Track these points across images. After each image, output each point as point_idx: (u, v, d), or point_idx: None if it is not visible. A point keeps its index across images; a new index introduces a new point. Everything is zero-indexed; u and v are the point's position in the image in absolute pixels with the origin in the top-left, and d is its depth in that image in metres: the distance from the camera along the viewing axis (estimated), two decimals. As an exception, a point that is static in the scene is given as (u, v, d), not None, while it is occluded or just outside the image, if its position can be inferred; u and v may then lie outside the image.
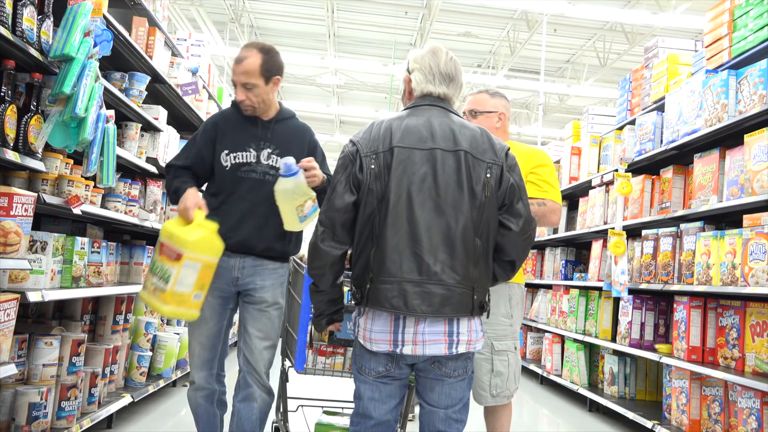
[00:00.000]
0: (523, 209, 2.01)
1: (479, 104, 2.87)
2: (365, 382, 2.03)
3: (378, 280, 1.92)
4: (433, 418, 2.04)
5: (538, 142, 9.01)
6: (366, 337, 1.97)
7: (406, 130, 1.98)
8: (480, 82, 14.17)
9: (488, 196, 1.95)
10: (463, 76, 2.14)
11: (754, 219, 3.36)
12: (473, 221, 1.93)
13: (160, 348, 4.49)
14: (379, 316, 1.95)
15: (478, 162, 1.96)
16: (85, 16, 2.78)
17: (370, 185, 1.94)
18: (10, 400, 2.78)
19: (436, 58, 2.10)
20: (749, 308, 3.56)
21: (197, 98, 5.25)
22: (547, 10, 9.21)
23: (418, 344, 1.92)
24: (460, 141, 1.97)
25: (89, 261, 3.35)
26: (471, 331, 1.97)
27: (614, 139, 5.24)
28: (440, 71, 2.08)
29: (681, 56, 4.60)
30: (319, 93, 16.52)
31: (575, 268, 6.17)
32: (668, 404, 4.18)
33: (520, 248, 2.03)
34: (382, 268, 1.91)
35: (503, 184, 1.98)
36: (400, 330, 1.93)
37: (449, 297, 1.90)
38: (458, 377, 2.01)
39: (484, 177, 1.95)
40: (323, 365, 2.61)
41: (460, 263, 1.91)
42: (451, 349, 1.93)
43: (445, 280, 1.90)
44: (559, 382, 5.85)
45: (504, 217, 2.00)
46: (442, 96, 2.08)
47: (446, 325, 1.94)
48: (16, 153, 2.53)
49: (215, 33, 12.07)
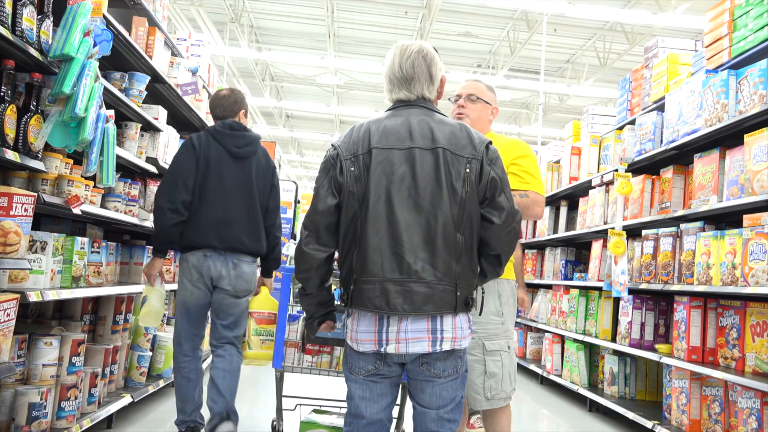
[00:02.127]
0: (505, 202, 1.99)
1: (479, 91, 2.85)
2: (356, 382, 2.05)
3: (361, 281, 1.93)
4: (425, 419, 2.04)
5: (538, 142, 9.00)
6: (353, 338, 1.99)
7: (384, 131, 1.99)
8: (480, 82, 14.15)
9: (468, 191, 1.95)
10: (437, 67, 2.09)
11: (754, 219, 3.36)
12: (453, 217, 1.93)
13: (160, 348, 4.49)
14: (363, 317, 1.97)
15: (456, 158, 1.96)
16: (84, 16, 2.78)
17: (350, 188, 1.96)
18: (10, 400, 2.78)
19: (393, 63, 2.09)
20: (749, 308, 3.56)
21: (197, 98, 5.26)
22: (547, 10, 9.21)
23: (401, 342, 1.93)
24: (438, 138, 1.97)
25: (89, 261, 3.35)
26: (456, 328, 1.96)
27: (614, 139, 5.24)
28: (397, 77, 2.07)
29: (681, 56, 4.60)
30: (319, 93, 16.53)
31: (575, 268, 6.16)
32: (668, 404, 4.18)
33: (504, 241, 2.01)
34: (365, 268, 1.93)
35: (483, 177, 1.97)
36: (384, 329, 1.94)
37: (431, 295, 1.91)
38: (448, 377, 2.01)
39: (463, 172, 1.95)
40: (309, 364, 2.62)
41: (441, 260, 1.91)
42: (434, 346, 1.93)
43: (425, 278, 1.90)
44: (559, 382, 5.85)
45: (486, 210, 1.99)
46: (412, 99, 2.07)
47: (429, 322, 1.93)
48: (16, 153, 2.53)
49: (215, 33, 12.07)
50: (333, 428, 2.86)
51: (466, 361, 2.08)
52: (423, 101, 2.08)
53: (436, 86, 2.11)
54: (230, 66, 14.08)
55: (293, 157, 23.85)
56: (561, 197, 6.40)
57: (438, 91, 2.14)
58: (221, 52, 11.98)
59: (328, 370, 2.63)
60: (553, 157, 6.88)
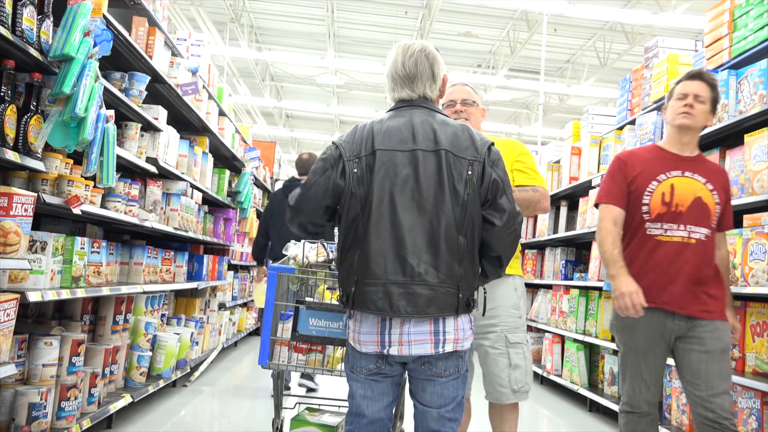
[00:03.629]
0: (507, 204, 1.99)
1: (471, 95, 2.88)
2: (357, 381, 2.05)
3: (363, 283, 1.93)
4: (426, 418, 2.05)
5: (538, 142, 9.00)
6: (355, 339, 2.00)
7: (388, 132, 1.99)
8: (480, 82, 14.18)
9: (470, 193, 1.95)
10: (439, 66, 2.10)
11: (754, 219, 3.36)
12: (456, 220, 1.93)
13: (159, 348, 4.49)
14: (366, 319, 1.97)
15: (459, 160, 1.96)
16: (84, 16, 2.78)
17: (352, 189, 1.96)
18: (10, 400, 2.78)
19: (396, 61, 2.09)
20: (749, 308, 3.55)
21: (197, 98, 5.26)
22: (547, 10, 9.21)
23: (404, 345, 1.94)
24: (440, 140, 1.97)
25: (89, 261, 3.35)
26: (458, 329, 1.97)
27: (614, 139, 5.24)
28: (400, 75, 2.07)
29: (681, 56, 4.60)
30: (319, 93, 16.53)
31: (575, 268, 6.16)
32: (668, 404, 4.18)
33: (505, 243, 2.01)
34: (367, 270, 1.93)
35: (485, 179, 1.97)
36: (387, 331, 1.94)
37: (433, 297, 1.91)
38: (450, 376, 2.01)
39: (465, 174, 1.95)
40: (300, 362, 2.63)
41: (443, 262, 1.92)
42: (437, 348, 1.94)
43: (428, 280, 1.90)
44: (559, 382, 5.85)
45: (488, 212, 1.99)
46: (414, 98, 2.07)
47: (432, 324, 1.94)
48: (16, 153, 2.53)
49: (215, 33, 12.07)
50: (322, 426, 2.87)
51: (467, 361, 2.08)
52: (425, 101, 2.08)
53: (438, 85, 2.11)
54: (230, 66, 14.08)
55: (293, 157, 23.86)
56: (561, 197, 6.39)
57: (440, 90, 2.14)
58: (221, 52, 11.98)
59: (322, 368, 2.64)
60: (553, 157, 6.88)
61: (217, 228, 6.34)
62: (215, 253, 6.65)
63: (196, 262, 5.65)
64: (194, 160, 5.27)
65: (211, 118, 5.76)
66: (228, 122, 6.53)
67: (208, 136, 5.74)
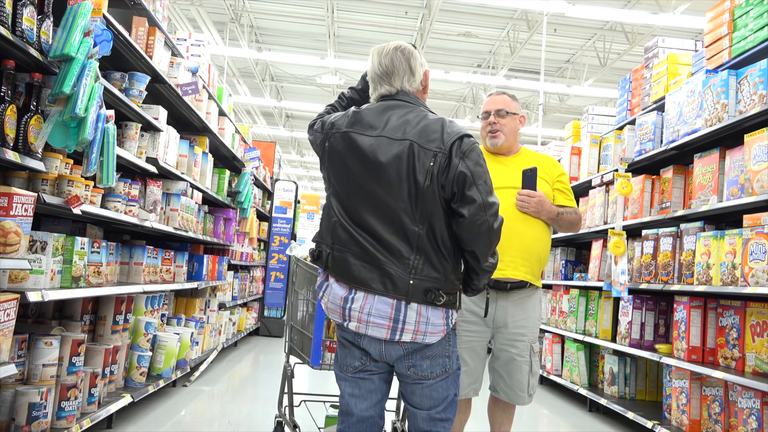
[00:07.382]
0: (476, 195, 1.93)
1: (507, 105, 2.91)
2: (344, 379, 2.06)
3: (335, 248, 2.00)
4: (417, 419, 2.05)
5: (538, 142, 9.00)
6: (326, 305, 2.05)
7: (361, 116, 2.05)
8: (480, 82, 14.18)
9: (429, 184, 1.93)
10: (416, 60, 2.13)
11: (754, 219, 3.36)
12: (412, 210, 1.93)
13: (159, 348, 4.49)
14: (334, 286, 2.01)
15: (424, 151, 1.95)
16: (84, 16, 2.78)
17: (326, 165, 2.08)
18: (10, 400, 2.78)
19: (373, 62, 2.14)
20: (749, 308, 3.56)
21: (197, 98, 5.25)
22: (547, 10, 9.21)
23: (362, 323, 1.96)
24: (408, 131, 1.98)
25: (89, 261, 3.35)
26: (420, 322, 1.94)
27: (614, 139, 5.24)
28: (378, 74, 2.12)
29: (681, 56, 4.60)
30: (319, 93, 16.52)
31: (575, 268, 6.16)
32: (668, 404, 4.18)
33: (474, 236, 1.95)
34: (336, 239, 2.01)
35: (450, 171, 1.94)
36: (349, 304, 1.97)
37: (389, 278, 1.93)
38: (438, 377, 2.00)
39: (428, 165, 1.94)
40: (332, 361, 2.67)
41: (398, 250, 1.93)
42: (393, 335, 1.94)
43: (384, 262, 1.93)
44: (559, 382, 5.85)
45: (457, 204, 1.95)
46: (393, 93, 2.10)
47: (393, 310, 1.93)
48: (16, 153, 2.53)
49: (215, 33, 12.07)
50: None
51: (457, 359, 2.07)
52: (405, 95, 2.10)
53: (417, 79, 2.13)
54: (230, 66, 14.08)
55: (293, 157, 23.85)
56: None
57: (422, 84, 2.15)
58: (221, 52, 11.98)
59: None
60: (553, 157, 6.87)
61: (217, 228, 6.34)
62: (215, 253, 6.65)
63: (196, 262, 5.65)
64: (194, 160, 5.27)
65: (211, 118, 5.76)
66: (228, 122, 6.53)
67: (208, 136, 5.74)
